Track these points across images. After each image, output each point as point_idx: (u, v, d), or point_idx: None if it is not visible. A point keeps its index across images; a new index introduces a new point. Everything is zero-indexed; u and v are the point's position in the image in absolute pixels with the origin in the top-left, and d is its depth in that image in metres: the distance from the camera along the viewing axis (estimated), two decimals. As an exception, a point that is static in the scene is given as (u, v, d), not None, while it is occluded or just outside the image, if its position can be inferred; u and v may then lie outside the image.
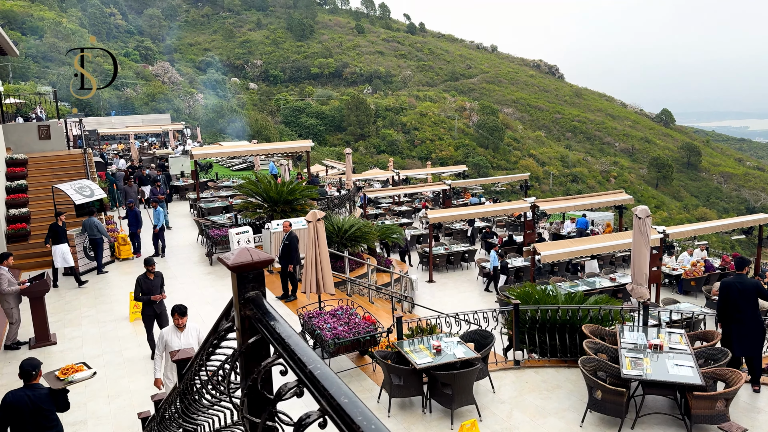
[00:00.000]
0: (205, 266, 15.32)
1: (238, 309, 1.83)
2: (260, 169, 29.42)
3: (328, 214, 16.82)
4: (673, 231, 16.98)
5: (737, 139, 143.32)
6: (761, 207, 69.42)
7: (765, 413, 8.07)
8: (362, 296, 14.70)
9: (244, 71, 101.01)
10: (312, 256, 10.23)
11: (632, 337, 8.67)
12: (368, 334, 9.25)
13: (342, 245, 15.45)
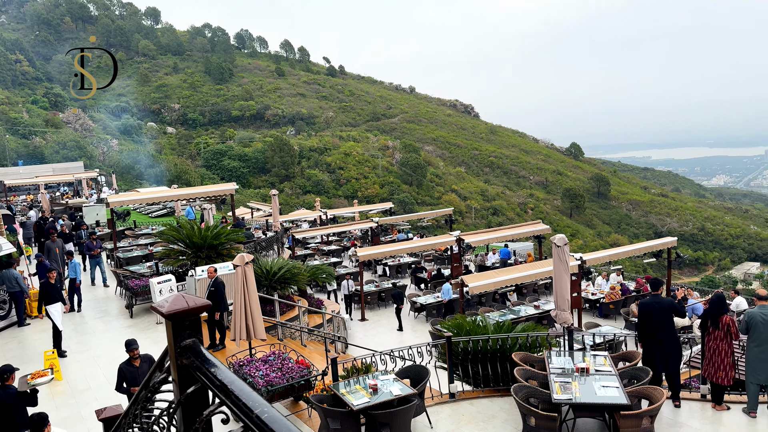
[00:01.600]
0: (124, 319, 14.57)
1: (174, 358, 1.78)
2: (181, 215, 28.59)
3: (255, 257, 16.50)
4: (589, 257, 17.84)
5: (641, 169, 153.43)
6: (668, 231, 74.19)
7: (687, 427, 8.49)
8: (294, 339, 14.41)
9: (161, 115, 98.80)
10: (241, 301, 9.97)
11: (560, 362, 8.96)
12: (302, 379, 9.06)
13: (271, 288, 15.16)
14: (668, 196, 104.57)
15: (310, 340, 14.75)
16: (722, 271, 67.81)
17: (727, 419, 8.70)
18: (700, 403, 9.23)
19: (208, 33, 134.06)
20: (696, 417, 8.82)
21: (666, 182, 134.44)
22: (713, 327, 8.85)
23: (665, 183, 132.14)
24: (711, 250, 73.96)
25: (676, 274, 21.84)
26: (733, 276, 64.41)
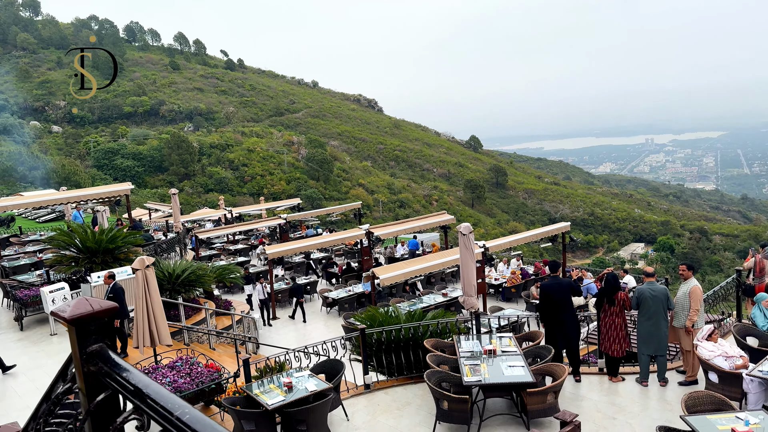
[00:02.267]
0: (14, 332, 13.47)
1: (80, 366, 1.67)
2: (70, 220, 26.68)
3: (156, 260, 15.76)
4: (491, 244, 18.57)
5: (535, 159, 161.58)
6: (561, 217, 78.71)
7: (587, 399, 9.08)
8: (203, 343, 13.94)
9: (45, 113, 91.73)
10: (143, 307, 9.50)
11: (469, 345, 9.28)
12: (213, 383, 8.79)
13: (175, 292, 14.56)
14: (560, 184, 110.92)
15: (220, 343, 14.33)
16: (611, 253, 73.05)
17: (622, 389, 9.40)
18: (598, 377, 9.90)
19: (94, 25, 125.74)
20: (595, 389, 9.45)
21: (558, 171, 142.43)
22: (609, 304, 9.51)
23: (557, 172, 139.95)
24: (600, 234, 79.41)
25: (570, 257, 23.42)
26: (621, 257, 69.57)
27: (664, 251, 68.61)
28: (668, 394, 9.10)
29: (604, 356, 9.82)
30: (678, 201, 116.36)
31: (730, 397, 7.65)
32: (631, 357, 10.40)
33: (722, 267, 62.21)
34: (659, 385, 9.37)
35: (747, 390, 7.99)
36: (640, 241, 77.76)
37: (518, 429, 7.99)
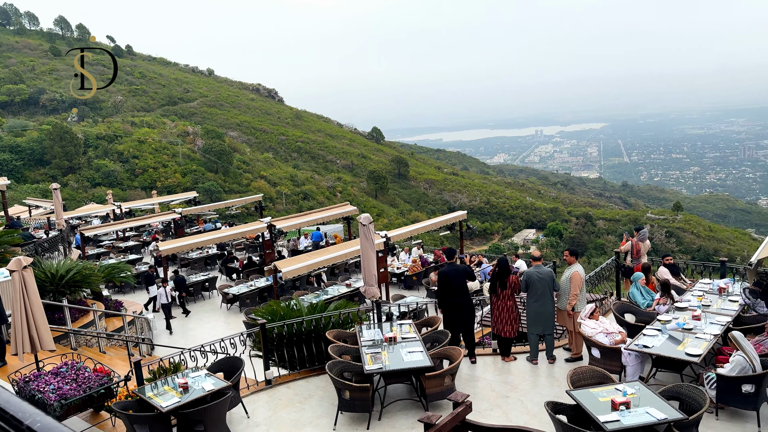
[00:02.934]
0: None
1: None
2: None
3: (36, 260, 14.60)
4: (393, 234, 18.87)
5: (435, 150, 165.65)
6: (459, 206, 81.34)
7: (482, 380, 9.48)
8: (91, 347, 13.11)
9: None
10: (21, 311, 8.77)
11: (370, 334, 9.40)
12: (102, 387, 8.29)
13: (59, 293, 13.56)
14: (458, 174, 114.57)
15: (110, 346, 13.56)
16: (506, 239, 76.53)
17: (514, 368, 9.89)
18: (492, 357, 10.36)
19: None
20: (489, 370, 9.88)
21: (456, 162, 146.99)
22: (501, 287, 9.96)
23: (455, 163, 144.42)
24: (496, 221, 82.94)
25: (467, 243, 24.42)
26: (515, 242, 73.07)
27: (553, 236, 72.91)
28: (556, 371, 9.69)
29: (497, 338, 10.30)
30: (565, 189, 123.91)
31: (610, 371, 8.27)
32: (522, 337, 10.97)
33: (606, 249, 67.01)
34: (548, 363, 9.96)
35: (625, 363, 8.68)
36: (531, 227, 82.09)
37: (418, 412, 8.20)
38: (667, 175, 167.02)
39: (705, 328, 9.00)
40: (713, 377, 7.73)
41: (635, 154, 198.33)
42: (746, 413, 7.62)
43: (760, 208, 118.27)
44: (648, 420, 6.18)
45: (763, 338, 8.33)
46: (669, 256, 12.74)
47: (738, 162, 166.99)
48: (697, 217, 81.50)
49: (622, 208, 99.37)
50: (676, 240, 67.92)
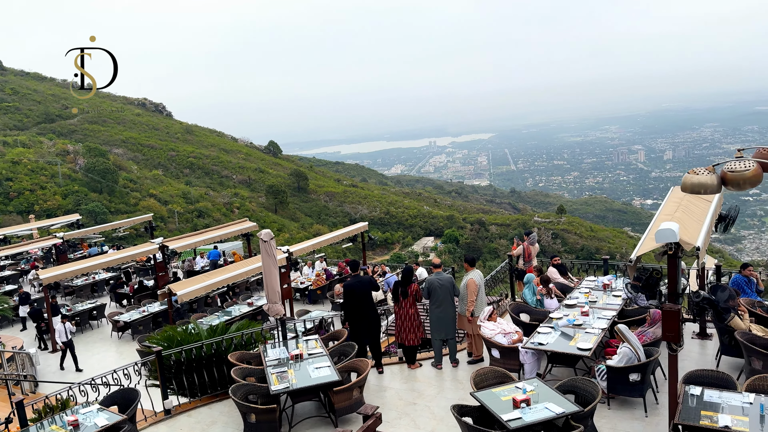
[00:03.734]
0: None
1: None
2: None
3: None
4: (295, 249, 18.62)
5: (333, 163, 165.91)
6: (360, 217, 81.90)
7: (390, 389, 9.53)
8: (-40, 391, 11.80)
9: None
10: None
11: (275, 353, 9.17)
12: (-24, 435, 7.48)
13: None
14: (358, 186, 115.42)
15: (-15, 387, 12.27)
16: (406, 248, 77.97)
17: (420, 374, 10.05)
18: (398, 366, 10.46)
19: None
20: (397, 378, 9.97)
21: (355, 174, 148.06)
22: (403, 296, 10.10)
23: (354, 175, 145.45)
24: (396, 230, 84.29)
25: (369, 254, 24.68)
26: (415, 251, 74.58)
27: (450, 242, 75.31)
28: (460, 374, 9.95)
29: (401, 346, 10.41)
30: (459, 197, 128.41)
31: (510, 370, 8.61)
32: (427, 343, 11.18)
33: (499, 253, 70.05)
34: (452, 367, 10.21)
35: (523, 361, 9.07)
36: (430, 235, 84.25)
37: (327, 429, 8.10)
38: (551, 181, 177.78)
39: (593, 323, 9.62)
40: (603, 369, 8.27)
41: (521, 161, 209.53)
42: (634, 401, 8.21)
43: (634, 208, 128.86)
44: (548, 415, 6.49)
45: (645, 329, 9.03)
46: (557, 257, 13.53)
47: (613, 166, 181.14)
48: (579, 219, 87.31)
49: (511, 213, 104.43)
50: (562, 241, 72.35)
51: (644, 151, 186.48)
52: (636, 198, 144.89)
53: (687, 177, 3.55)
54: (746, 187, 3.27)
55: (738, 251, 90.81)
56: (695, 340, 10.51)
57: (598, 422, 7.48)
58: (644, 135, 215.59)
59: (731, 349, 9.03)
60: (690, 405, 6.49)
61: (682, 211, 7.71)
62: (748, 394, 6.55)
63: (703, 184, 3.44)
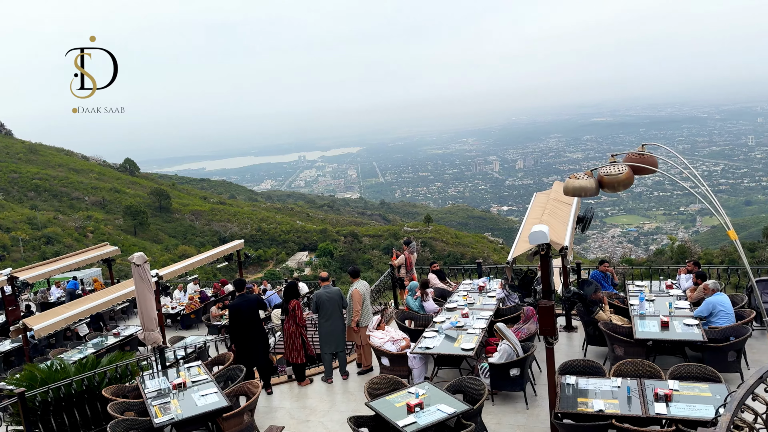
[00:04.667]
0: None
1: None
2: None
3: None
4: (165, 272, 17.56)
5: (199, 180, 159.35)
6: (231, 236, 79.33)
7: (281, 409, 9.32)
8: None
9: None
10: None
11: (155, 383, 8.61)
12: None
13: None
14: (226, 203, 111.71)
15: None
16: (281, 264, 76.78)
17: (311, 391, 9.94)
18: (288, 385, 10.27)
19: None
20: (287, 398, 9.77)
21: (222, 191, 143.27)
22: (283, 313, 9.96)
23: (222, 191, 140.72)
24: (269, 247, 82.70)
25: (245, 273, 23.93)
26: (289, 266, 73.69)
27: (325, 256, 75.38)
28: (351, 386, 9.99)
29: (290, 364, 10.24)
30: (331, 210, 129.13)
31: (401, 376, 8.80)
32: (317, 357, 11.09)
33: (373, 264, 71.32)
34: (342, 380, 10.22)
35: (412, 366, 9.31)
36: (304, 250, 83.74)
37: (220, 458, 7.73)
38: (417, 192, 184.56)
39: (473, 323, 10.13)
40: (486, 366, 8.72)
41: (389, 174, 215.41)
42: (515, 395, 8.75)
43: (492, 214, 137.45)
44: (440, 416, 6.72)
45: (520, 325, 9.66)
46: (436, 263, 14.09)
47: (472, 176, 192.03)
48: (444, 227, 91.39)
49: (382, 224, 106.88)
50: (430, 248, 75.30)
51: (499, 162, 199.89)
52: (494, 205, 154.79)
53: (569, 182, 3.90)
54: (620, 188, 3.66)
55: (584, 250, 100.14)
56: (563, 333, 11.44)
57: (485, 418, 7.87)
58: (498, 146, 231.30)
59: (595, 339, 9.96)
60: (567, 394, 7.04)
61: (548, 214, 8.39)
62: (616, 379, 7.26)
63: (584, 188, 3.80)
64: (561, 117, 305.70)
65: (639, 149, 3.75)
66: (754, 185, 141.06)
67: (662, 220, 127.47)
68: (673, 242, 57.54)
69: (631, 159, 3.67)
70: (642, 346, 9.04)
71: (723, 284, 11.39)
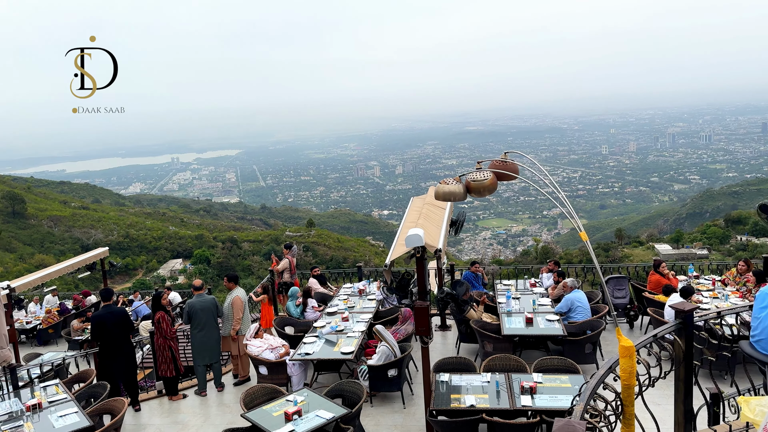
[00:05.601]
0: None
1: None
2: None
3: None
4: (18, 284, 15.95)
5: (58, 183, 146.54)
6: (94, 243, 73.82)
7: (150, 426, 8.79)
8: None
9: None
10: None
11: (5, 406, 7.78)
12: None
13: None
14: (89, 208, 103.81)
15: None
16: (151, 272, 72.64)
17: (184, 406, 9.47)
18: (158, 400, 9.71)
19: None
20: (156, 414, 9.24)
21: (85, 194, 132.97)
22: (157, 323, 9.42)
23: (84, 195, 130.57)
24: (138, 255, 77.97)
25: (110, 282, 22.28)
26: (161, 275, 69.92)
27: (201, 263, 72.40)
28: (227, 398, 9.66)
29: (161, 378, 9.71)
30: (208, 215, 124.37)
31: (279, 384, 8.66)
32: (189, 371, 10.61)
33: (253, 270, 69.68)
34: (217, 392, 9.85)
35: (291, 374, 9.19)
36: (178, 257, 79.89)
37: (80, 484, 7.13)
38: (299, 196, 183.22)
39: (353, 327, 10.21)
40: (365, 369, 8.82)
41: (270, 178, 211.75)
42: (393, 395, 8.92)
43: (374, 218, 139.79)
44: (319, 422, 6.69)
45: (398, 327, 9.87)
46: (317, 268, 14.02)
47: (354, 181, 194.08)
48: (327, 231, 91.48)
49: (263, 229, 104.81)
50: (313, 253, 75.03)
51: (379, 167, 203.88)
52: (375, 209, 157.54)
53: (439, 187, 4.05)
54: (485, 193, 3.86)
55: (459, 252, 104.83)
56: (438, 332, 11.86)
57: (364, 420, 7.95)
58: (378, 152, 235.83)
59: (468, 337, 10.42)
60: (441, 391, 7.30)
61: (424, 218, 8.67)
62: (485, 374, 7.64)
63: (453, 193, 3.96)
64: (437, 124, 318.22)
65: (502, 157, 3.99)
66: (608, 191, 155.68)
67: (528, 223, 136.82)
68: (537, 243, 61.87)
69: (495, 166, 3.90)
70: (509, 341, 9.60)
71: (580, 282, 12.41)
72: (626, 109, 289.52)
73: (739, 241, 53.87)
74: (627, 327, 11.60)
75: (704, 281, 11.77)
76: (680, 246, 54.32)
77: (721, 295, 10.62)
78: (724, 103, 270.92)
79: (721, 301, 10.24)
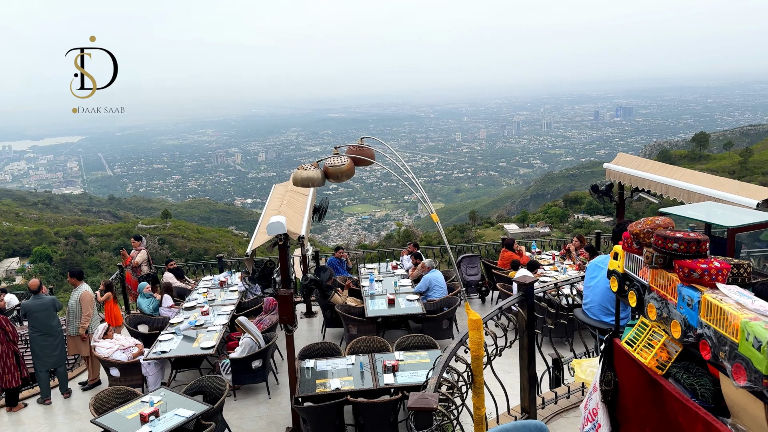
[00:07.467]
0: None
1: None
2: None
3: None
4: None
5: None
6: None
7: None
8: None
9: None
10: None
11: None
12: None
13: None
14: None
15: None
16: (-19, 274, 64.65)
17: (26, 416, 8.62)
18: (-9, 414, 8.73)
19: None
20: (-11, 429, 8.31)
21: None
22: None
23: None
24: (-37, 255, 69.06)
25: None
26: (-6, 276, 62.53)
27: (42, 261, 65.76)
28: (75, 404, 8.93)
29: (4, 390, 8.73)
30: (48, 208, 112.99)
31: (133, 386, 8.16)
32: (32, 378, 9.63)
33: (102, 266, 64.64)
34: (63, 398, 9.07)
35: (146, 374, 8.69)
36: (14, 256, 71.90)
37: None
38: (152, 185, 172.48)
39: (214, 320, 9.86)
40: (227, 362, 8.57)
41: (118, 166, 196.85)
42: (258, 386, 8.78)
43: (237, 207, 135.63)
44: (178, 421, 6.43)
45: (262, 317, 9.69)
46: (172, 261, 13.31)
47: (213, 168, 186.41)
48: (185, 222, 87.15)
49: (112, 222, 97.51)
50: (169, 246, 71.18)
51: (240, 154, 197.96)
52: (237, 198, 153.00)
53: (297, 173, 4.00)
54: (343, 179, 3.89)
55: (325, 238, 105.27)
56: (304, 319, 11.84)
57: (227, 414, 7.75)
58: (239, 138, 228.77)
59: (333, 321, 10.52)
60: (307, 377, 7.31)
61: (286, 205, 8.56)
62: (350, 357, 7.77)
63: (311, 178, 3.94)
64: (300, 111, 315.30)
65: (358, 142, 4.04)
66: (462, 175, 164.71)
67: (391, 207, 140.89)
68: (399, 227, 63.85)
69: (352, 151, 3.94)
70: (373, 323, 9.84)
71: (438, 262, 13.01)
72: (477, 98, 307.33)
73: (576, 219, 59.75)
74: (479, 302, 12.38)
75: (545, 256, 12.88)
76: (526, 225, 59.02)
77: (560, 268, 11.70)
78: (563, 93, 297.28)
79: (560, 274, 11.28)
